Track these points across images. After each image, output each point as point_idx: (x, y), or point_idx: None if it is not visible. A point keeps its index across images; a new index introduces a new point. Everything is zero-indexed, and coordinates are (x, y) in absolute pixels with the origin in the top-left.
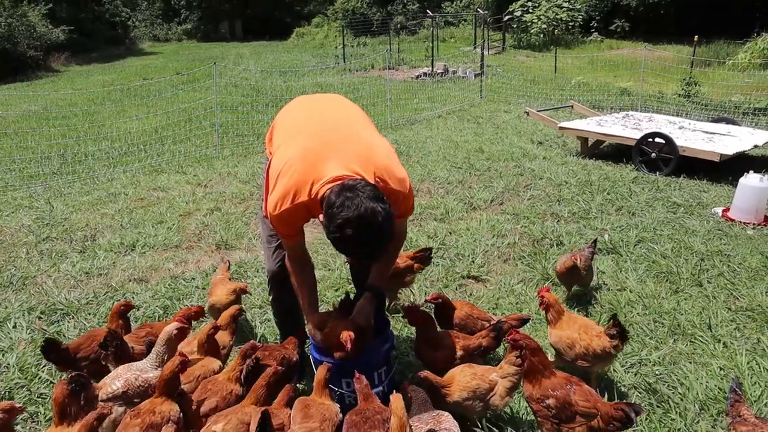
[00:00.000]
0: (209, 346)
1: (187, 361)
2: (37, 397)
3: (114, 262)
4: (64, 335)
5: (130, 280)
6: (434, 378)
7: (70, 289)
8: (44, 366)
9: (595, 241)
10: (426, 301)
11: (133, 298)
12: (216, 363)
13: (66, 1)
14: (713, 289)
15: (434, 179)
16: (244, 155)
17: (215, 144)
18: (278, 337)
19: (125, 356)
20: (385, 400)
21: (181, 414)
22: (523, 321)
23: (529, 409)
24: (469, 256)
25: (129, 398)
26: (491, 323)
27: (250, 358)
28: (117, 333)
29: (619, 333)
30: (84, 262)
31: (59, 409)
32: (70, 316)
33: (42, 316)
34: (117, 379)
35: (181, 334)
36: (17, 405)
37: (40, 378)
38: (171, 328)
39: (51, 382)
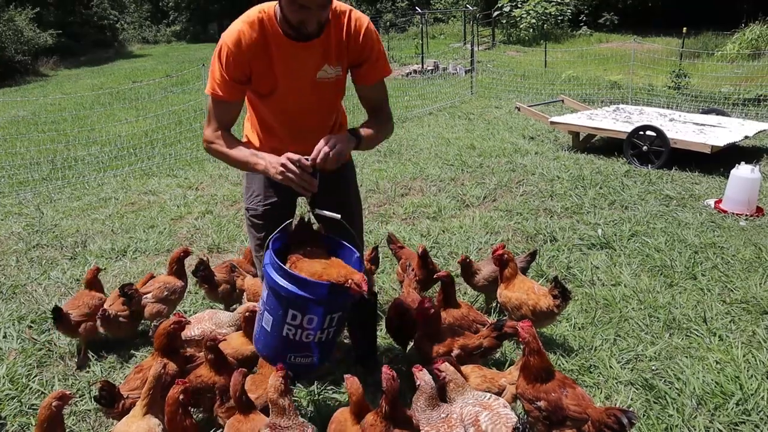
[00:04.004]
0: None
1: (182, 321)
2: (28, 408)
3: (105, 268)
4: (55, 344)
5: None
6: None
7: (61, 297)
8: (35, 376)
9: (534, 252)
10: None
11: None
12: None
13: (53, 5)
14: (707, 282)
15: (426, 177)
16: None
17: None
18: None
19: (211, 282)
20: (326, 351)
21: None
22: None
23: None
24: (462, 253)
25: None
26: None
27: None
28: (206, 261)
29: (561, 293)
30: (74, 269)
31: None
32: None
33: (33, 325)
34: (199, 324)
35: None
36: (68, 392)
37: (30, 389)
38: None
39: (42, 393)
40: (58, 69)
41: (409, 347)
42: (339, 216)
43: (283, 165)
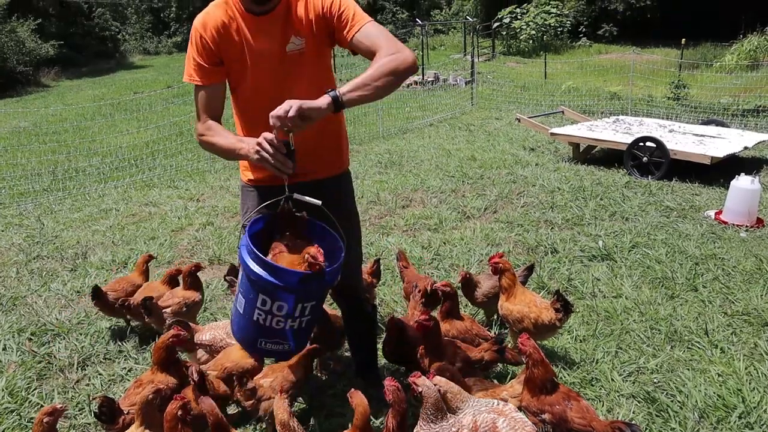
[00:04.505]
0: None
1: (181, 334)
2: (27, 422)
3: (106, 280)
4: (54, 357)
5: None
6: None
7: (61, 309)
8: (34, 390)
9: (531, 266)
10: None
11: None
12: None
13: (55, 16)
14: (708, 293)
15: (427, 189)
16: (236, 168)
17: (207, 157)
18: None
19: None
20: (300, 340)
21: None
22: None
23: None
24: (464, 266)
25: (211, 351)
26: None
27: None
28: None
29: (563, 306)
30: (75, 280)
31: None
32: (62, 337)
33: (32, 337)
34: (211, 331)
35: None
36: (59, 406)
37: (30, 402)
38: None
39: (42, 406)
40: (60, 80)
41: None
42: (320, 202)
43: (258, 144)
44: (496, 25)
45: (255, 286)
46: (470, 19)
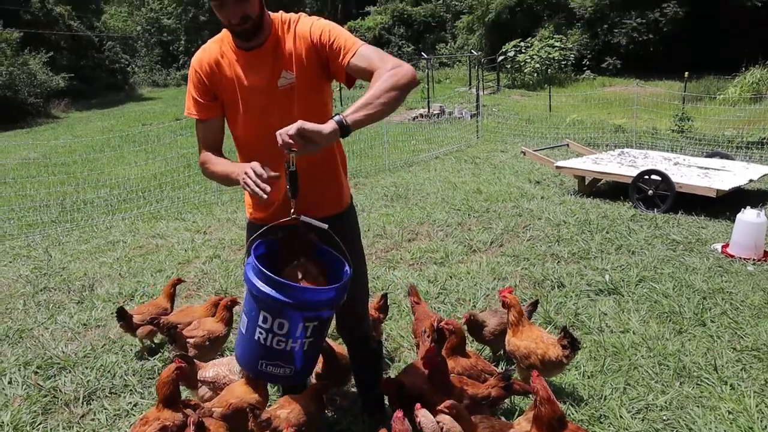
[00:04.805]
0: None
1: (183, 366)
2: None
3: (112, 313)
4: (60, 390)
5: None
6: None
7: (68, 342)
8: (39, 424)
9: (535, 302)
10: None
11: (131, 350)
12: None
13: (67, 49)
14: (717, 328)
15: (433, 222)
16: (243, 200)
17: (214, 190)
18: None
19: None
20: (302, 364)
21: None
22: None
23: None
24: (470, 300)
25: (214, 387)
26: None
27: None
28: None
29: (570, 343)
30: (82, 313)
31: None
32: (67, 371)
33: (38, 370)
34: (214, 368)
35: None
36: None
37: None
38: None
39: None
40: (70, 111)
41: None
42: (326, 226)
43: (245, 172)
44: (500, 58)
45: (258, 303)
46: (475, 53)
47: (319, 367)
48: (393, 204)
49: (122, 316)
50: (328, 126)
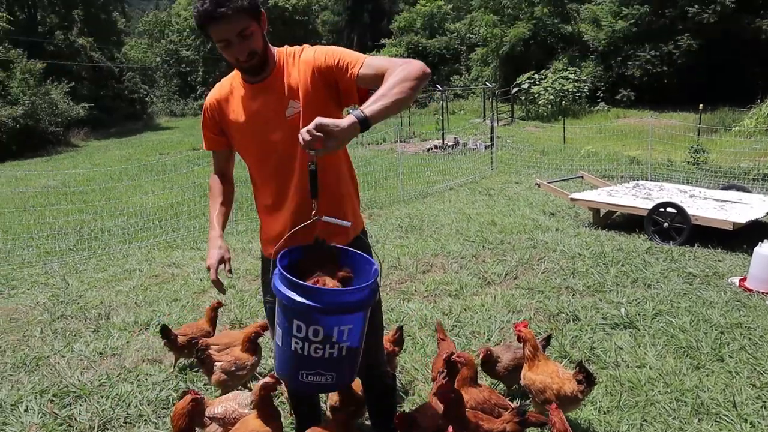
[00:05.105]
0: None
1: (199, 397)
2: None
3: (128, 342)
4: (75, 419)
5: (143, 361)
6: None
7: (84, 370)
8: None
9: (548, 337)
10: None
11: (146, 380)
12: None
13: (88, 79)
14: (735, 364)
15: (448, 254)
16: (259, 230)
17: (230, 220)
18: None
19: None
20: (342, 371)
21: None
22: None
23: None
24: (484, 333)
25: (224, 423)
26: (510, 409)
27: None
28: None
29: (586, 378)
30: (98, 341)
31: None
32: (83, 399)
33: (54, 398)
34: (222, 404)
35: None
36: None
37: None
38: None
39: None
40: (89, 140)
41: None
42: (349, 223)
43: (208, 266)
44: (514, 90)
45: (288, 312)
46: (489, 85)
47: (334, 399)
48: (407, 235)
49: (166, 334)
50: (347, 119)
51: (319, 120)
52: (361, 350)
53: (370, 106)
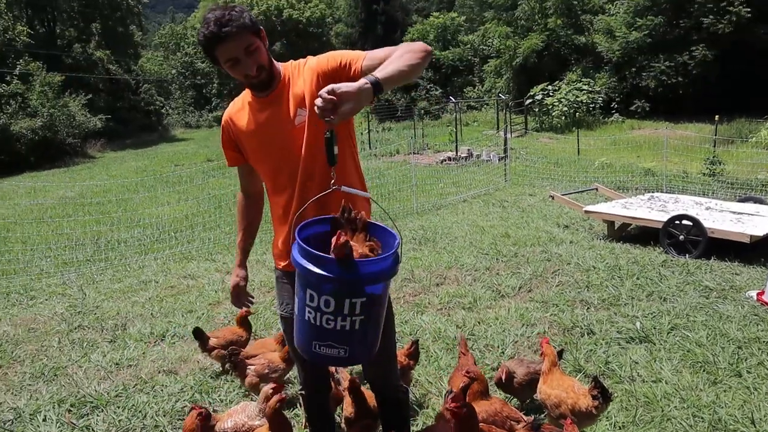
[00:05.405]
0: None
1: (203, 412)
2: None
3: (144, 353)
4: (92, 430)
5: (159, 372)
6: None
7: (100, 381)
8: None
9: (560, 351)
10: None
11: (162, 390)
12: None
13: (105, 91)
14: (754, 379)
15: (461, 266)
16: (272, 242)
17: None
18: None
19: None
20: (355, 345)
21: None
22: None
23: None
24: (498, 347)
25: None
26: (523, 423)
27: None
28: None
29: (601, 394)
30: (114, 352)
31: None
32: (100, 410)
33: (72, 408)
34: (231, 418)
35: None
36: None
37: None
38: (267, 388)
39: None
40: (105, 151)
41: None
42: (369, 194)
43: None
44: (528, 101)
45: (302, 280)
46: (503, 96)
47: (349, 411)
48: (421, 247)
49: (199, 336)
50: (359, 81)
51: (332, 85)
52: (378, 330)
53: (381, 71)
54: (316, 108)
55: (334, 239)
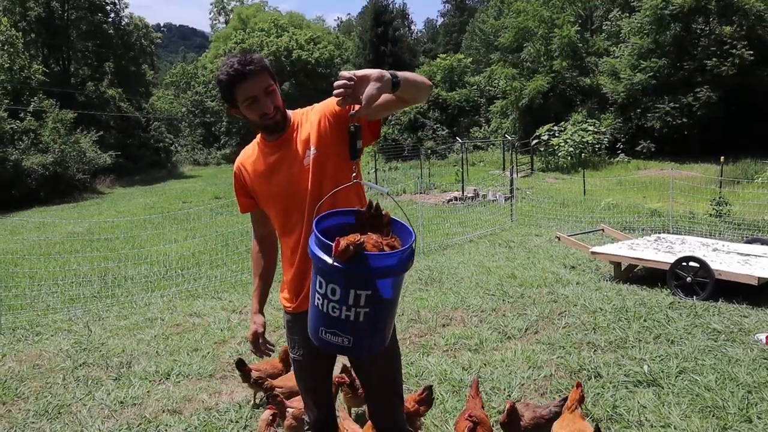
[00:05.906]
0: None
1: None
2: None
3: (148, 391)
4: None
5: (163, 411)
6: None
7: (104, 419)
8: None
9: (566, 398)
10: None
11: (165, 430)
12: None
13: (115, 128)
14: (764, 425)
15: (467, 307)
16: (279, 281)
17: (251, 269)
18: None
19: None
20: (360, 337)
21: None
22: None
23: None
24: (505, 389)
25: None
26: None
27: None
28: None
29: None
30: (119, 390)
31: None
32: None
33: None
34: None
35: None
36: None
37: None
38: (266, 414)
39: None
40: (114, 187)
41: None
42: (387, 190)
43: (250, 336)
44: (534, 142)
45: (313, 267)
46: (509, 137)
47: None
48: (427, 288)
49: (241, 367)
50: (376, 69)
51: (351, 71)
52: (385, 328)
53: (398, 72)
54: (335, 93)
55: (334, 245)
